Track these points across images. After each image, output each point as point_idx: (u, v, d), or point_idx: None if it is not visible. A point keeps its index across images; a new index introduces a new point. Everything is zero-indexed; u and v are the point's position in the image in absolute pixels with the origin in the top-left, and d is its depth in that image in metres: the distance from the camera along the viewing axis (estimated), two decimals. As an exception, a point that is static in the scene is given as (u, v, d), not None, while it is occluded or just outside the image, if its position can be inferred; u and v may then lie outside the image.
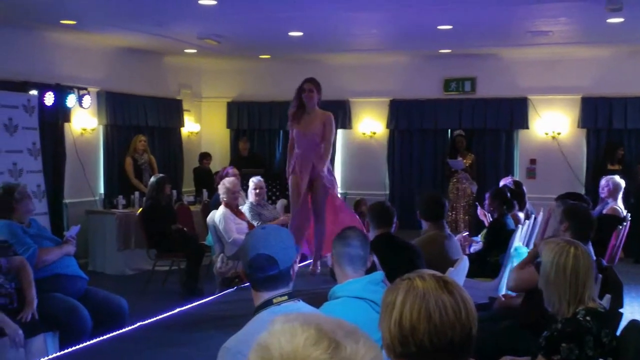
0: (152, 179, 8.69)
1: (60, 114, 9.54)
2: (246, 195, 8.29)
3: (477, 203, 9.23)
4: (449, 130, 11.91)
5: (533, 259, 4.24)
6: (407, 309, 1.79)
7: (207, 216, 7.88)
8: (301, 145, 6.63)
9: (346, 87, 12.13)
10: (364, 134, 12.40)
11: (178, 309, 5.64)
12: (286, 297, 2.38)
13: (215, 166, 11.84)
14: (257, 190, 7.99)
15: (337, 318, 1.29)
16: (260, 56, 12.03)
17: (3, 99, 7.69)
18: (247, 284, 5.53)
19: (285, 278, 2.42)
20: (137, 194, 9.80)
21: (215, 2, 7.58)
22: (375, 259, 3.44)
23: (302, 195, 6.63)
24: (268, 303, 2.37)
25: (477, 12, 8.22)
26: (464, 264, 4.93)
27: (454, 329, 1.77)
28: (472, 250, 7.21)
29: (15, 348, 4.37)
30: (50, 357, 4.40)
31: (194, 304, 5.79)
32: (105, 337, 4.76)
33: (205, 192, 10.58)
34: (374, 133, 12.35)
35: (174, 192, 9.81)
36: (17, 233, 5.14)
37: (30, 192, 5.56)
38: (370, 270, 3.16)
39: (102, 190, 10.45)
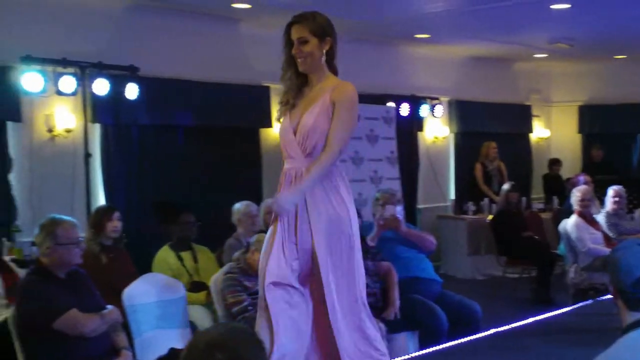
0: (504, 187, 8.79)
1: (415, 123, 10.10)
2: (601, 204, 7.96)
3: None
4: None
5: None
6: None
7: (558, 224, 7.72)
8: (289, 152, 3.54)
9: None
10: None
11: (531, 318, 5.62)
12: (658, 319, 2.29)
13: (565, 172, 11.50)
14: (617, 199, 7.64)
15: None
16: (615, 57, 11.39)
17: (366, 111, 8.31)
18: (605, 297, 5.28)
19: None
20: (486, 200, 9.94)
21: (569, 6, 7.41)
22: None
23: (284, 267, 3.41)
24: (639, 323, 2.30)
25: None
26: None
27: None
28: None
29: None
30: (411, 355, 4.70)
31: (546, 314, 5.72)
32: (460, 340, 4.95)
33: (555, 199, 10.35)
34: None
35: (524, 199, 9.75)
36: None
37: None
38: None
39: (452, 196, 10.81)
